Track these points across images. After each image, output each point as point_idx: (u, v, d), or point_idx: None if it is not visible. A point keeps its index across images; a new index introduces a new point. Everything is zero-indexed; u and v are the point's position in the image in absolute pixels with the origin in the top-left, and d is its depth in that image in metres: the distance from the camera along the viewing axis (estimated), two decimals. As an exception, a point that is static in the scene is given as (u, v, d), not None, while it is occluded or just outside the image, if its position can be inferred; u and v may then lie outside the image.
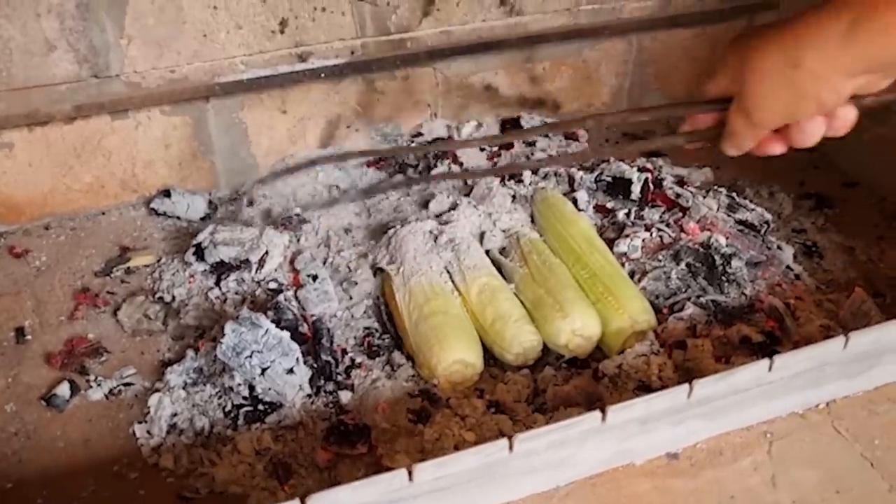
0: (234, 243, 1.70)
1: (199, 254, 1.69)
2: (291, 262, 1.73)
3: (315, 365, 1.49)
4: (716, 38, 2.28)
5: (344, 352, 1.56)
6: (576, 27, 2.12)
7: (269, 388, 1.43)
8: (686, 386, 1.18)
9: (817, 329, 1.57)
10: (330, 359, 1.50)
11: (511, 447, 1.09)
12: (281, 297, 1.55)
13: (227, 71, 1.87)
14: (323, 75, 1.94)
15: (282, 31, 1.87)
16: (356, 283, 1.68)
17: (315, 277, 1.65)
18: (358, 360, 1.55)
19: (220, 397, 1.45)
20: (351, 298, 1.66)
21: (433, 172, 2.01)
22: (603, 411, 1.14)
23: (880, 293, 1.71)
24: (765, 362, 1.22)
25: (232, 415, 1.43)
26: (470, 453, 1.07)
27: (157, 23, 1.76)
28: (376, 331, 1.62)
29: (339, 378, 1.50)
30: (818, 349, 1.26)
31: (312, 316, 1.57)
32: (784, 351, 1.47)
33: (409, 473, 1.04)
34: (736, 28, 2.30)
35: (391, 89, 2.04)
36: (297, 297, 1.59)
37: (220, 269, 1.68)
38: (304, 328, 1.54)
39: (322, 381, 1.48)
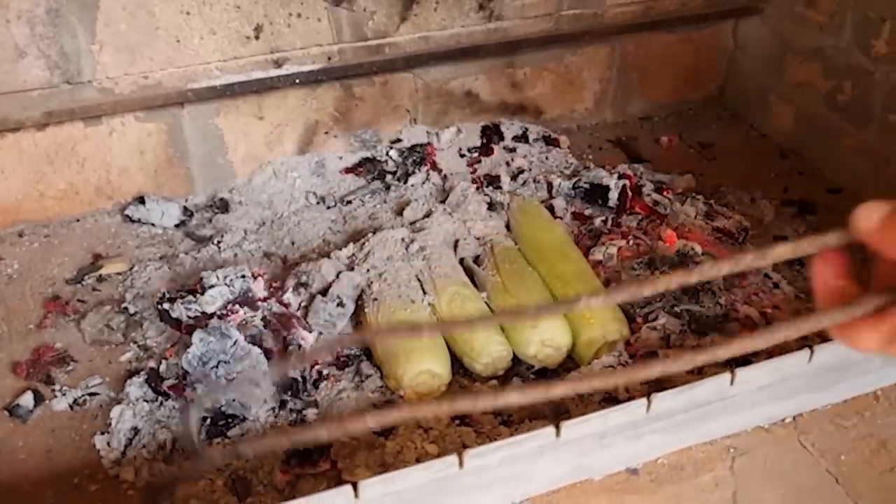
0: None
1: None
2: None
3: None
4: (700, 42, 2.26)
5: (314, 365, 1.54)
6: (557, 32, 2.10)
7: (234, 400, 1.41)
8: (644, 400, 1.16)
9: (794, 339, 1.54)
10: (298, 376, 1.48)
11: (461, 463, 1.07)
12: (243, 313, 1.53)
13: (201, 77, 1.85)
14: (299, 81, 1.92)
15: (257, 37, 1.85)
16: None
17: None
18: (326, 371, 1.53)
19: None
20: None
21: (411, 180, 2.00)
22: (557, 426, 1.12)
23: (862, 302, 1.67)
24: (726, 375, 1.20)
25: (194, 428, 1.41)
26: (418, 469, 1.06)
27: (129, 28, 1.75)
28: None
29: (306, 395, 1.48)
30: (782, 362, 1.24)
31: (286, 333, 1.55)
32: (758, 362, 1.44)
33: (355, 489, 1.02)
34: (720, 33, 2.28)
35: (370, 95, 2.03)
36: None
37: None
38: (271, 343, 1.52)
39: (288, 396, 1.46)
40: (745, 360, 1.46)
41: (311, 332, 1.54)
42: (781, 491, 1.21)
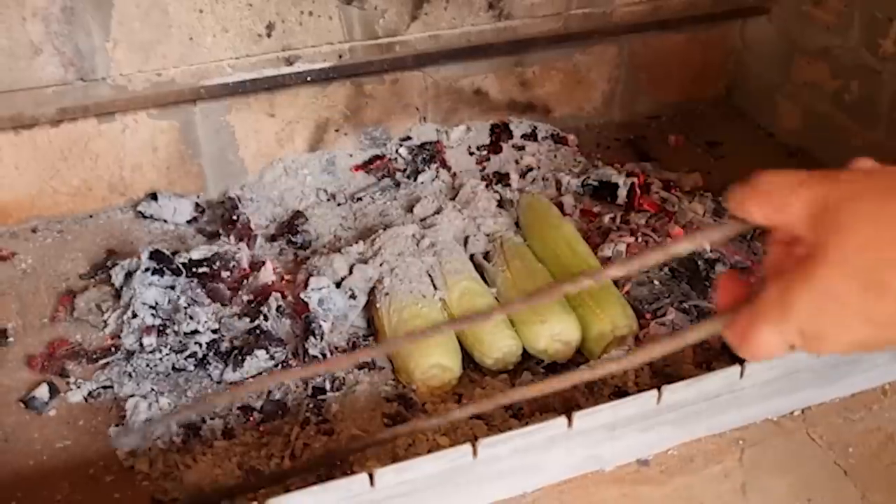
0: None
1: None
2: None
3: (304, 360, 1.50)
4: (707, 42, 2.28)
5: (335, 349, 1.56)
6: (566, 31, 2.11)
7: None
8: (655, 392, 1.17)
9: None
10: (319, 354, 1.51)
11: (475, 452, 1.09)
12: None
13: (213, 74, 1.87)
14: (310, 79, 1.94)
15: (269, 35, 1.87)
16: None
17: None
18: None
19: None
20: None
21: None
22: (569, 417, 1.13)
23: (868, 299, 1.69)
24: (736, 368, 1.21)
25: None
26: (433, 458, 1.07)
27: (143, 26, 1.76)
28: (363, 336, 1.63)
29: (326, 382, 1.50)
30: (791, 355, 1.24)
31: (305, 314, 1.57)
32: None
33: (371, 478, 1.04)
34: (727, 32, 2.29)
35: (380, 93, 2.04)
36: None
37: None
38: (289, 328, 1.55)
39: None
40: (754, 356, 1.48)
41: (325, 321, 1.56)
42: (790, 482, 1.23)
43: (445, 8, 1.98)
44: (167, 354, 1.52)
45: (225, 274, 1.67)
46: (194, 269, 1.65)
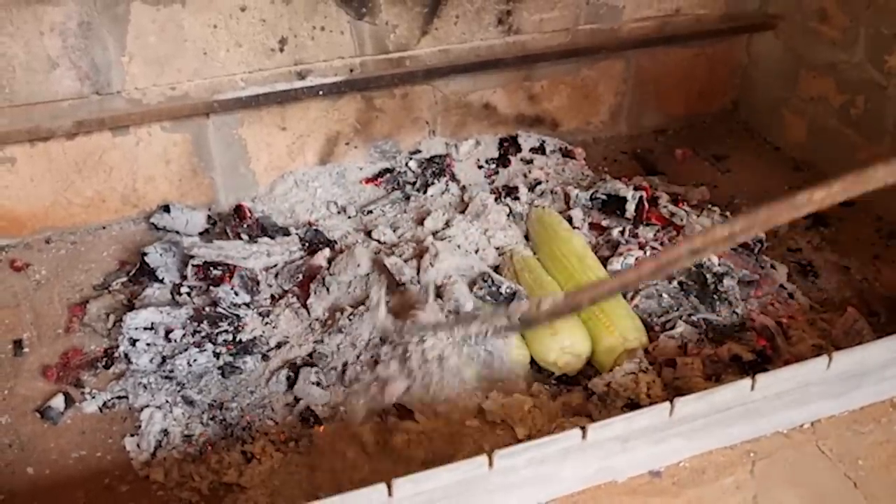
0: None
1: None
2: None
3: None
4: (714, 57, 2.30)
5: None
6: (574, 46, 2.13)
7: None
8: (667, 404, 1.19)
9: (809, 348, 1.57)
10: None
11: (491, 463, 1.10)
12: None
13: (226, 88, 1.89)
14: (322, 93, 1.96)
15: (281, 50, 1.89)
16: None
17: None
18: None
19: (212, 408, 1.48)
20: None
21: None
22: (583, 429, 1.14)
23: (875, 312, 1.71)
24: (747, 381, 1.22)
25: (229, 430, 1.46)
26: (449, 469, 1.08)
27: (158, 41, 1.79)
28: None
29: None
30: (801, 368, 1.26)
31: None
32: (774, 370, 1.47)
33: (389, 488, 1.05)
34: (734, 47, 2.31)
35: (390, 107, 2.06)
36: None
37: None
38: None
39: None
40: (763, 368, 1.50)
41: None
42: (801, 494, 1.24)
43: (455, 23, 2.00)
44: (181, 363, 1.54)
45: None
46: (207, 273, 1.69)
